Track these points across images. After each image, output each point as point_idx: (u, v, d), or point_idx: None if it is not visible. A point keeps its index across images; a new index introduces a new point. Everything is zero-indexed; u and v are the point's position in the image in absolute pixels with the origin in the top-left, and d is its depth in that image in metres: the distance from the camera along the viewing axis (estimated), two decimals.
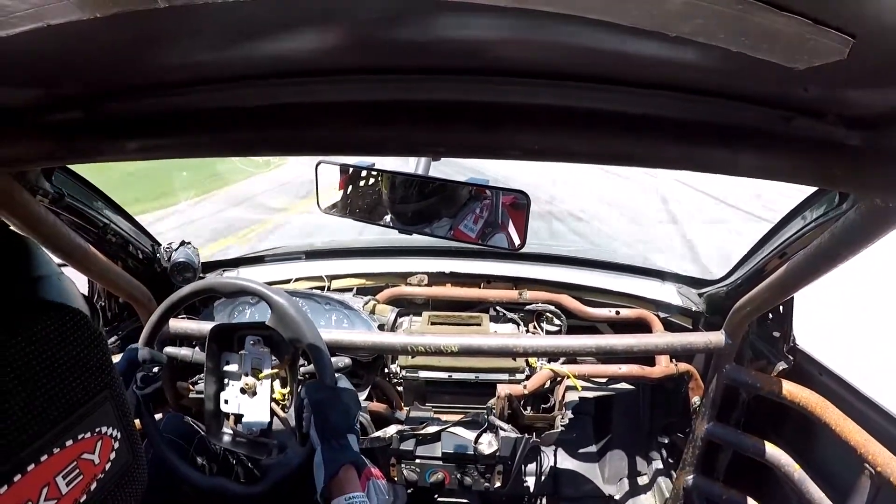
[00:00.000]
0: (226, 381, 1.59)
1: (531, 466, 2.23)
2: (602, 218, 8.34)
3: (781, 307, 1.62)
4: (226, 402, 1.59)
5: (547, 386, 1.99)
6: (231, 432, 1.60)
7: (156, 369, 1.53)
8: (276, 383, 1.59)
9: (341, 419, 1.32)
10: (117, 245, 1.74)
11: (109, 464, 0.63)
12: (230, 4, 0.46)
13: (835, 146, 0.70)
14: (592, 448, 2.52)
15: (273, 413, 1.58)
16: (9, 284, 0.59)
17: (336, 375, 1.44)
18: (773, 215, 1.62)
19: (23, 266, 0.62)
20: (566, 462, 2.45)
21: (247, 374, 1.57)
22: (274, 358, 1.57)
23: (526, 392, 1.92)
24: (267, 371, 1.56)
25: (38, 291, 0.62)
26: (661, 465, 2.30)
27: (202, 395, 1.58)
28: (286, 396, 1.59)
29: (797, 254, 1.23)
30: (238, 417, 1.60)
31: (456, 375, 1.98)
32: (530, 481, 2.21)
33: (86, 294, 1.79)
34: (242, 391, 1.57)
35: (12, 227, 1.03)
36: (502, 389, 1.89)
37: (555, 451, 2.40)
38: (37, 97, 0.79)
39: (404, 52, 0.66)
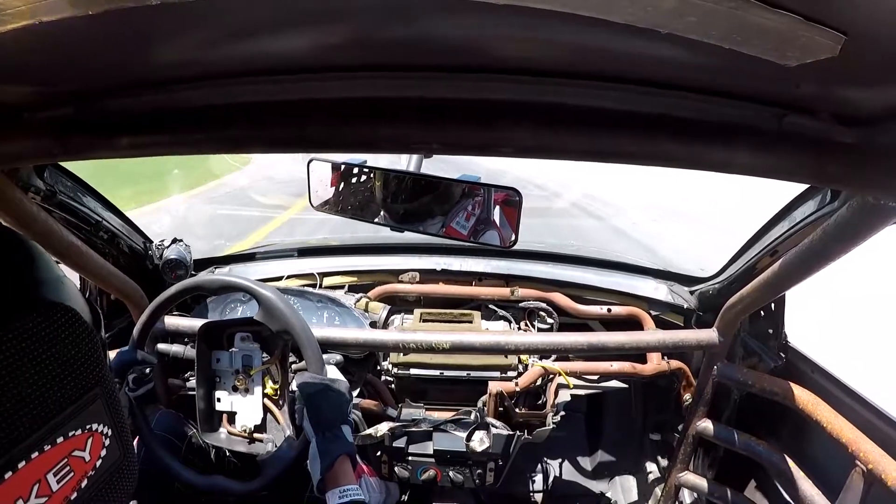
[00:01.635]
0: (217, 379, 1.59)
1: (523, 464, 2.23)
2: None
3: (773, 305, 1.62)
4: (218, 400, 1.58)
5: (539, 383, 1.99)
6: (226, 431, 1.60)
7: (147, 370, 1.53)
8: (268, 379, 1.58)
9: (334, 410, 1.32)
10: (109, 242, 1.73)
11: (100, 461, 0.63)
12: (223, 1, 0.46)
13: (828, 144, 0.71)
14: (584, 446, 2.52)
15: (266, 409, 1.58)
16: (6, 284, 0.59)
17: (327, 366, 1.44)
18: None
19: (21, 266, 0.61)
20: (558, 460, 2.45)
21: (238, 372, 1.57)
22: (264, 354, 1.57)
23: (517, 389, 1.92)
24: (258, 367, 1.56)
25: (36, 292, 0.61)
26: (653, 463, 2.30)
27: (195, 392, 1.58)
28: (278, 391, 1.58)
29: (789, 251, 1.24)
30: (232, 415, 1.59)
31: (448, 373, 1.98)
32: (522, 479, 2.21)
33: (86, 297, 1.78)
34: (234, 389, 1.56)
35: (10, 227, 1.02)
36: (494, 387, 1.90)
37: (547, 449, 2.39)
38: (30, 94, 0.79)
39: (398, 49, 0.66)
